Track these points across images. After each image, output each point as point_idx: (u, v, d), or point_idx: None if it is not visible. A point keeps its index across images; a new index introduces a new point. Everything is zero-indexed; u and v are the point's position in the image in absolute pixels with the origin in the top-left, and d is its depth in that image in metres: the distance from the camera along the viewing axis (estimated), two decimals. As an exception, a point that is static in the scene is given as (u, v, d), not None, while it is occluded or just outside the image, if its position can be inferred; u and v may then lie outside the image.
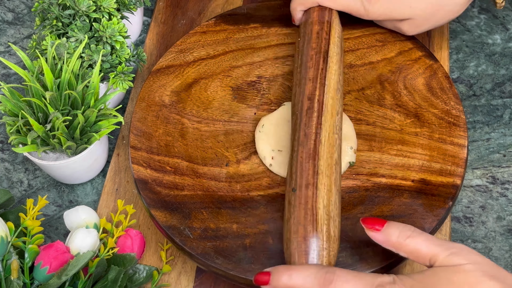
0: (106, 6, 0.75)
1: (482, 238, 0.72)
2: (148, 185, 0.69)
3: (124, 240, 0.69)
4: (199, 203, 0.68)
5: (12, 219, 0.70)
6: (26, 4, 0.93)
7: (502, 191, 0.75)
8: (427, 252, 0.56)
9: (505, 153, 0.77)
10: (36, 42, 0.76)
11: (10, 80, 0.86)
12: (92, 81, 0.71)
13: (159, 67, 0.77)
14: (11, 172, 0.79)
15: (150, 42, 0.87)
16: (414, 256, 0.57)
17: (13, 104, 0.70)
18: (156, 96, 0.75)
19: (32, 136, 0.68)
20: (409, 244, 0.57)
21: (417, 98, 0.74)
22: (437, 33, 0.85)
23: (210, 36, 0.80)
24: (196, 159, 0.71)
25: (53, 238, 0.74)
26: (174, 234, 0.66)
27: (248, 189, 0.69)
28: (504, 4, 0.77)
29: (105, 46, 0.75)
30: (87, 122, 0.70)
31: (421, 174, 0.69)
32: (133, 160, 0.70)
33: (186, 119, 0.74)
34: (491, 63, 0.84)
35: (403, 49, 0.77)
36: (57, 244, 0.66)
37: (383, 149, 0.71)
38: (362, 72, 0.76)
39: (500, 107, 0.80)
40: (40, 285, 0.66)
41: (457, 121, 0.71)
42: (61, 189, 0.77)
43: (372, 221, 0.59)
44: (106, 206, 0.75)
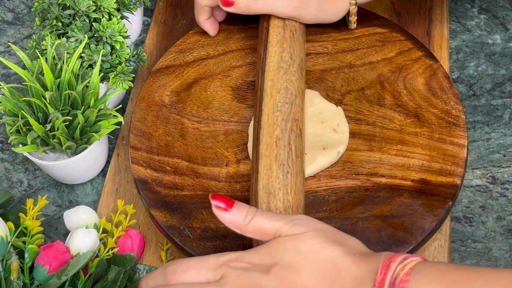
0: (106, 6, 0.75)
1: (482, 238, 0.72)
2: (148, 185, 0.69)
3: (124, 240, 0.69)
4: (199, 203, 0.68)
5: (12, 219, 0.70)
6: (26, 4, 0.93)
7: (502, 191, 0.75)
8: (270, 228, 0.57)
9: (505, 153, 0.77)
10: (36, 42, 0.76)
11: (10, 80, 0.86)
12: (92, 81, 0.71)
13: (159, 67, 0.77)
14: (11, 172, 0.79)
15: (150, 42, 0.87)
16: (259, 234, 0.58)
17: (13, 104, 0.70)
18: (156, 96, 0.75)
19: (32, 136, 0.68)
20: (254, 224, 0.58)
21: (417, 98, 0.74)
22: (437, 33, 0.85)
23: (210, 36, 0.80)
24: (196, 159, 0.71)
25: (53, 238, 0.74)
26: (174, 234, 0.66)
27: (248, 189, 0.69)
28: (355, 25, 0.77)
29: (105, 46, 0.75)
30: (87, 122, 0.70)
31: (421, 174, 0.69)
32: (133, 160, 0.70)
33: (186, 119, 0.74)
34: (491, 63, 0.84)
35: (403, 49, 0.77)
36: (57, 244, 0.66)
37: (383, 149, 0.71)
38: (362, 72, 0.76)
39: (500, 107, 0.80)
40: (40, 285, 0.66)
41: (457, 121, 0.71)
42: (61, 189, 0.77)
43: (221, 200, 0.59)
44: (106, 206, 0.75)
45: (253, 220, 0.58)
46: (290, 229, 0.57)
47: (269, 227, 0.57)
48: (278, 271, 0.55)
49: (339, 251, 0.55)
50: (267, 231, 0.58)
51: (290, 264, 0.55)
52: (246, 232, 0.59)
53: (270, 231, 0.57)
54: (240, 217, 0.58)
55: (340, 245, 0.55)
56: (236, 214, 0.59)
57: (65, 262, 0.65)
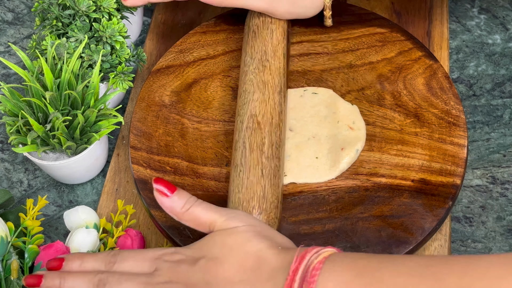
0: (106, 6, 0.75)
1: (482, 238, 0.72)
2: (148, 185, 0.69)
3: (124, 240, 0.69)
4: (199, 203, 0.68)
5: (12, 219, 0.70)
6: (26, 4, 0.93)
7: (502, 191, 0.75)
8: (206, 219, 0.59)
9: (505, 153, 0.77)
10: (36, 42, 0.76)
11: (10, 80, 0.86)
12: (92, 81, 0.71)
13: (159, 67, 0.77)
14: (11, 172, 0.79)
15: (150, 42, 0.87)
16: (195, 223, 0.60)
17: (13, 104, 0.70)
18: (156, 96, 0.75)
19: (32, 136, 0.68)
20: (190, 213, 0.60)
21: (417, 98, 0.74)
22: (437, 33, 0.85)
23: (210, 36, 0.80)
24: (196, 159, 0.71)
25: (53, 238, 0.74)
26: (174, 234, 0.66)
27: (248, 189, 0.69)
28: (331, 21, 0.77)
29: (105, 46, 0.75)
30: (87, 122, 0.70)
31: (421, 174, 0.69)
32: (133, 160, 0.70)
33: (186, 119, 0.74)
34: (491, 63, 0.84)
35: (403, 49, 0.77)
36: (57, 244, 0.66)
37: (383, 149, 0.71)
38: (362, 72, 0.76)
39: (500, 107, 0.80)
40: (40, 285, 0.66)
41: (457, 121, 0.71)
42: (61, 189, 0.77)
43: (164, 184, 0.61)
44: (106, 206, 0.75)
45: (190, 209, 0.60)
46: (224, 222, 0.58)
47: (204, 218, 0.59)
48: (204, 264, 0.56)
49: (265, 245, 0.56)
50: (203, 222, 0.59)
51: (216, 256, 0.56)
52: (182, 220, 0.61)
53: (205, 221, 0.59)
54: (178, 204, 0.60)
55: (267, 240, 0.57)
56: (175, 201, 0.60)
57: (65, 262, 0.65)
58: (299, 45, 0.79)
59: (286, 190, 0.69)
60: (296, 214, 0.67)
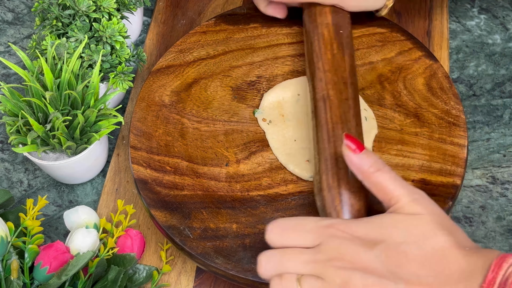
0: (106, 6, 0.75)
1: (482, 238, 0.72)
2: (148, 185, 0.69)
3: (124, 240, 0.69)
4: (199, 203, 0.68)
5: (12, 219, 0.70)
6: (26, 4, 0.93)
7: (502, 191, 0.75)
8: (391, 190, 0.56)
9: (505, 153, 0.77)
10: (36, 42, 0.76)
11: (10, 80, 0.86)
12: (92, 81, 0.71)
13: (159, 67, 0.77)
14: (11, 172, 0.79)
15: (150, 42, 0.87)
16: (377, 189, 0.57)
17: (13, 104, 0.70)
18: (156, 96, 0.75)
19: (32, 136, 0.68)
20: (377, 177, 0.57)
21: (417, 98, 0.74)
22: (437, 33, 0.85)
23: (210, 36, 0.80)
24: (196, 159, 0.71)
25: (53, 238, 0.74)
26: (174, 234, 0.66)
27: (248, 189, 0.69)
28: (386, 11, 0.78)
29: (105, 46, 0.75)
30: (87, 122, 0.70)
31: (421, 174, 0.69)
32: (133, 160, 0.70)
33: (186, 119, 0.74)
34: (491, 63, 0.84)
35: (403, 49, 0.77)
36: (57, 244, 0.66)
37: (383, 149, 0.71)
38: (362, 72, 0.76)
39: (500, 107, 0.80)
40: (40, 285, 0.66)
41: (457, 121, 0.71)
42: (61, 189, 0.77)
43: (353, 141, 0.59)
44: (106, 206, 0.75)
45: (378, 172, 0.57)
46: (408, 204, 0.55)
47: (391, 187, 0.56)
48: (385, 249, 0.53)
49: (450, 242, 0.53)
50: (386, 191, 0.57)
51: (398, 245, 0.53)
52: (367, 181, 0.58)
53: (389, 192, 0.56)
54: (367, 162, 0.58)
55: (451, 236, 0.54)
56: (364, 159, 0.58)
57: (65, 262, 0.65)
58: (299, 45, 0.79)
59: (286, 190, 0.69)
60: (296, 214, 0.67)
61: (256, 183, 0.70)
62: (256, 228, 0.66)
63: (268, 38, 0.80)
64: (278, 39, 0.80)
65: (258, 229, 0.66)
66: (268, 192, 0.69)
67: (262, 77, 0.77)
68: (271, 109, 0.74)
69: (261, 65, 0.78)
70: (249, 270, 0.63)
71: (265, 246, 0.65)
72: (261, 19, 0.81)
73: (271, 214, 0.67)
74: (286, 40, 0.80)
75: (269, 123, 0.73)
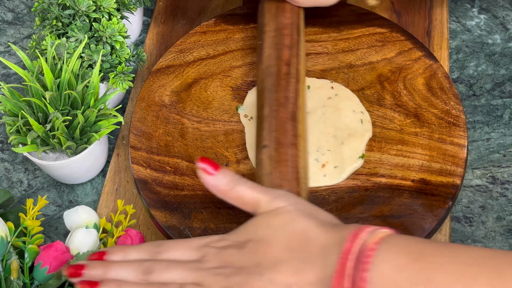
0: (106, 6, 0.75)
1: (482, 238, 0.72)
2: (148, 185, 0.69)
3: (124, 240, 0.69)
4: (199, 203, 0.68)
5: (12, 219, 0.70)
6: (26, 4, 0.93)
7: (502, 191, 0.75)
8: (251, 199, 0.59)
9: (505, 153, 0.77)
10: (36, 42, 0.76)
11: (10, 80, 0.86)
12: (92, 81, 0.71)
13: (159, 67, 0.77)
14: (11, 172, 0.79)
15: (150, 42, 0.87)
16: (240, 202, 0.60)
17: (13, 104, 0.70)
18: (156, 96, 0.75)
19: (32, 136, 0.68)
20: (235, 191, 0.59)
21: (417, 98, 0.74)
22: (437, 33, 0.85)
23: (210, 36, 0.80)
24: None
25: (53, 238, 0.74)
26: (174, 234, 0.66)
27: (248, 189, 0.69)
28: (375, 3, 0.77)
29: (105, 46, 0.75)
30: (87, 122, 0.70)
31: (421, 174, 0.69)
32: (133, 160, 0.70)
33: (186, 119, 0.74)
34: (491, 63, 0.84)
35: (403, 49, 0.77)
36: (57, 244, 0.66)
37: (383, 149, 0.71)
38: (362, 72, 0.76)
39: (500, 107, 0.80)
40: (40, 285, 0.66)
41: (457, 121, 0.71)
42: (61, 189, 0.77)
43: (208, 163, 0.60)
44: (106, 206, 0.75)
45: (235, 187, 0.59)
46: (268, 203, 0.58)
47: (249, 197, 0.59)
48: (251, 246, 0.55)
49: (310, 224, 0.55)
50: (247, 201, 0.59)
51: (262, 238, 0.56)
52: (227, 198, 0.60)
53: (250, 201, 0.59)
54: (223, 182, 0.60)
55: (312, 218, 0.56)
56: (220, 179, 0.60)
57: (65, 262, 0.65)
58: (299, 45, 0.79)
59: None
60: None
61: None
62: (256, 228, 0.66)
63: (268, 38, 0.80)
64: (278, 39, 0.80)
65: (258, 229, 0.66)
66: (268, 192, 0.69)
67: (262, 77, 0.77)
68: (254, 106, 0.74)
69: (261, 65, 0.78)
70: (249, 270, 0.63)
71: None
72: (261, 19, 0.81)
73: (271, 214, 0.67)
74: (286, 40, 0.79)
75: (250, 119, 0.73)
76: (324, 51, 0.78)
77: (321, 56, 0.78)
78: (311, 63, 0.77)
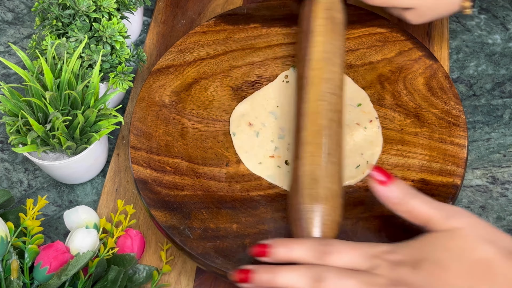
0: (106, 6, 0.75)
1: (482, 238, 0.72)
2: (148, 185, 0.69)
3: (124, 240, 0.69)
4: (199, 203, 0.68)
5: (12, 219, 0.70)
6: (26, 4, 0.93)
7: (502, 191, 0.75)
8: (423, 213, 0.57)
9: (505, 153, 0.77)
10: (36, 42, 0.76)
11: (10, 80, 0.86)
12: (92, 81, 0.71)
13: (159, 67, 0.77)
14: (11, 172, 0.79)
15: (150, 42, 0.87)
16: (410, 216, 0.58)
17: (13, 104, 0.70)
18: (156, 96, 0.75)
19: (32, 136, 0.68)
20: (408, 205, 0.58)
21: (417, 98, 0.74)
22: (437, 33, 0.85)
23: (210, 36, 0.80)
24: (196, 159, 0.71)
25: (53, 238, 0.74)
26: (174, 234, 0.66)
27: (248, 189, 0.69)
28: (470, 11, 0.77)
29: (105, 46, 0.75)
30: (87, 122, 0.70)
31: (421, 174, 0.69)
32: (133, 160, 0.70)
33: (186, 119, 0.74)
34: (491, 63, 0.84)
35: (403, 49, 0.77)
36: (57, 244, 0.66)
37: (383, 149, 0.71)
38: (362, 72, 0.76)
39: (500, 107, 0.80)
40: (40, 285, 0.66)
41: (457, 121, 0.71)
42: (61, 189, 0.77)
43: (382, 173, 0.59)
44: (106, 206, 0.75)
45: (407, 200, 0.58)
46: (442, 221, 0.56)
47: (422, 211, 0.57)
48: (427, 267, 0.54)
49: (493, 252, 0.53)
50: (419, 216, 0.57)
51: (438, 260, 0.54)
52: (396, 210, 0.59)
53: (422, 216, 0.57)
54: (395, 194, 0.58)
55: (494, 245, 0.54)
56: (393, 191, 0.58)
57: (65, 262, 0.65)
58: (299, 45, 0.79)
59: (286, 190, 0.69)
60: (296, 214, 0.67)
61: (256, 183, 0.70)
62: (256, 228, 0.66)
63: (268, 38, 0.80)
64: (278, 39, 0.80)
65: (258, 229, 0.66)
66: (268, 192, 0.69)
67: (262, 77, 0.77)
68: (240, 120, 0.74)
69: (261, 65, 0.78)
70: (249, 270, 0.63)
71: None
72: (261, 19, 0.81)
73: (271, 214, 0.67)
74: (286, 40, 0.80)
75: None
76: (324, 51, 0.78)
77: (321, 56, 0.78)
78: (311, 63, 0.78)
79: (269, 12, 0.81)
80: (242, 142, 0.72)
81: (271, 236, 0.66)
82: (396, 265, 0.55)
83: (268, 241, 0.58)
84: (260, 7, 0.82)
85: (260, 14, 0.81)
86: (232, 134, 0.73)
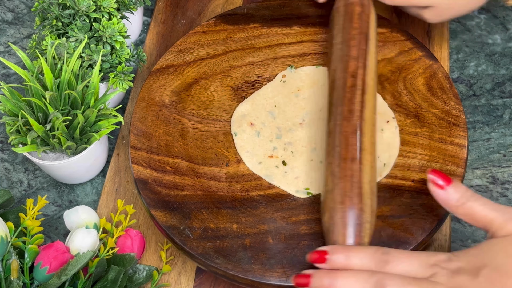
0: (106, 6, 0.75)
1: (482, 238, 0.72)
2: (148, 185, 0.69)
3: (124, 240, 0.69)
4: (199, 203, 0.68)
5: (12, 219, 0.70)
6: (26, 4, 0.93)
7: (502, 191, 0.75)
8: (483, 216, 0.57)
9: (505, 153, 0.77)
10: (36, 42, 0.76)
11: (10, 80, 0.86)
12: (92, 81, 0.71)
13: (159, 67, 0.77)
14: (11, 172, 0.79)
15: (150, 42, 0.87)
16: (470, 218, 0.58)
17: (13, 104, 0.70)
18: (156, 96, 0.75)
19: (32, 136, 0.68)
20: (467, 208, 0.57)
21: (417, 98, 0.74)
22: (437, 33, 0.85)
23: (210, 36, 0.80)
24: (196, 159, 0.71)
25: (53, 238, 0.74)
26: (174, 234, 0.66)
27: (248, 189, 0.69)
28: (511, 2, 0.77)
29: (105, 46, 0.75)
30: (87, 122, 0.70)
31: (421, 174, 0.69)
32: (133, 160, 0.70)
33: (186, 119, 0.74)
34: (491, 63, 0.84)
35: (403, 49, 0.77)
36: (57, 244, 0.66)
37: (383, 149, 0.71)
38: (362, 72, 0.76)
39: (500, 107, 0.80)
40: (40, 285, 0.66)
41: (457, 121, 0.71)
42: (61, 189, 0.77)
43: (440, 176, 0.59)
44: (106, 206, 0.75)
45: (467, 203, 0.57)
46: (503, 225, 0.55)
47: (482, 214, 0.57)
48: (488, 274, 0.53)
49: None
50: (479, 219, 0.57)
51: (500, 266, 0.53)
52: (456, 213, 0.58)
53: (482, 219, 0.57)
54: (454, 197, 0.58)
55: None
56: (451, 194, 0.58)
57: (65, 262, 0.65)
58: (299, 45, 0.79)
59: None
60: (296, 214, 0.67)
61: (256, 183, 0.70)
62: (256, 228, 0.66)
63: (268, 38, 0.80)
64: (278, 39, 0.80)
65: (258, 229, 0.66)
66: (268, 192, 0.69)
67: (262, 77, 0.77)
68: (241, 121, 0.74)
69: (261, 65, 0.78)
70: (249, 270, 0.63)
71: (265, 246, 0.65)
72: (261, 19, 0.81)
73: (271, 214, 0.67)
74: (286, 40, 0.80)
75: None
76: (324, 51, 0.78)
77: (322, 56, 0.78)
78: (311, 63, 0.77)
79: (269, 12, 0.81)
80: (244, 142, 0.72)
81: (271, 236, 0.66)
82: (455, 273, 0.54)
83: (325, 248, 0.58)
84: (260, 7, 0.82)
85: (260, 14, 0.81)
86: (234, 134, 0.73)
